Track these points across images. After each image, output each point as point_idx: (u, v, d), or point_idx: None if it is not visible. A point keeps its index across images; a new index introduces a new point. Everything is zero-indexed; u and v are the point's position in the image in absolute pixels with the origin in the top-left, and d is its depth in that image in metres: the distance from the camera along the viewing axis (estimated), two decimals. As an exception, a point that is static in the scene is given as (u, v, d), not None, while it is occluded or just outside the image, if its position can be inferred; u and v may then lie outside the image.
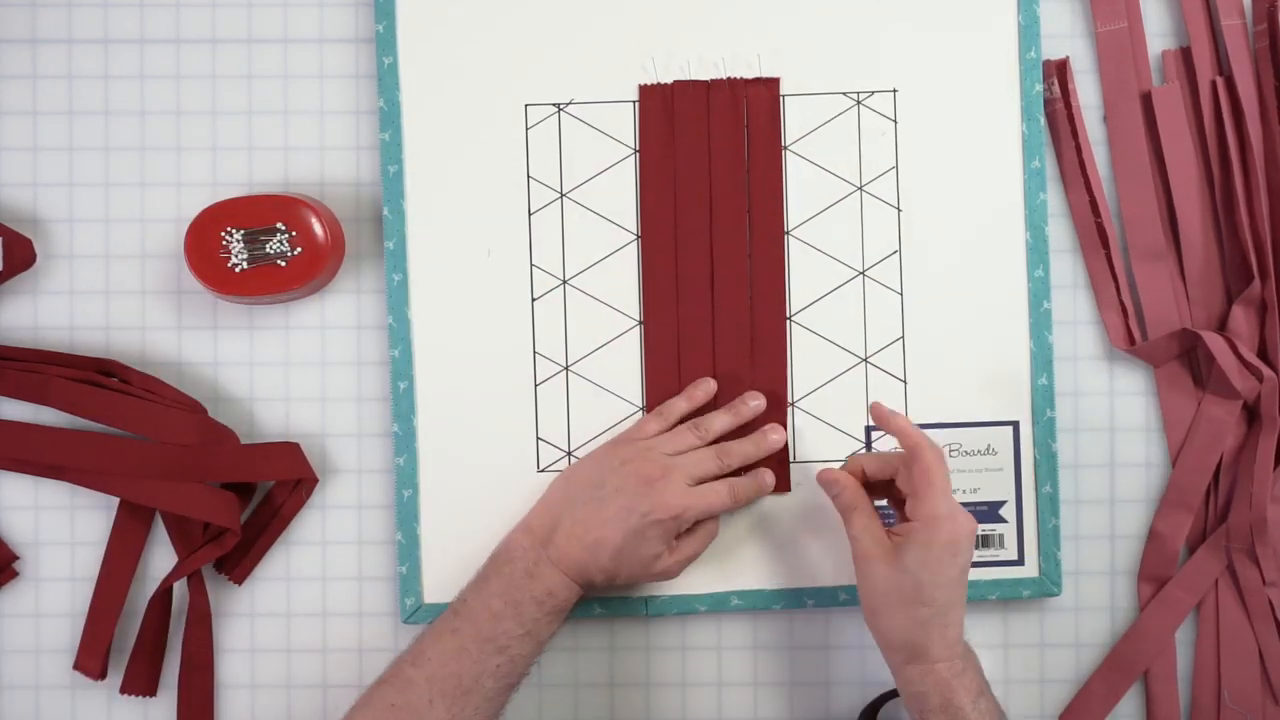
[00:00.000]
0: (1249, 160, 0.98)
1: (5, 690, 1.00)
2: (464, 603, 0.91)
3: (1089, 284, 1.01)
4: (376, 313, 1.00)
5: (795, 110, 1.00)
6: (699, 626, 1.00)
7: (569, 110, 1.00)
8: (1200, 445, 0.99)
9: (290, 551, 1.00)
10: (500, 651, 0.89)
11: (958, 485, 0.98)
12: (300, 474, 0.98)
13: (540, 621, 0.90)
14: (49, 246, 1.00)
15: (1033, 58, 0.99)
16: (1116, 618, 1.01)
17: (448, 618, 0.91)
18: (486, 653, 0.89)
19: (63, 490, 0.99)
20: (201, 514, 0.96)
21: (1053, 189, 1.01)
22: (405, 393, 0.98)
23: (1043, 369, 0.99)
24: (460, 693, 0.88)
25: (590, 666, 1.00)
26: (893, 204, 0.99)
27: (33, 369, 0.97)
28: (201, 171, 1.00)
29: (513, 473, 0.99)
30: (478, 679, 0.88)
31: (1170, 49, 1.01)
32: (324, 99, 1.00)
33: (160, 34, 1.00)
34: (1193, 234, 0.99)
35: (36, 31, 1.00)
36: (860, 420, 0.99)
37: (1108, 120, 1.01)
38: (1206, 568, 0.99)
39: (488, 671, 0.88)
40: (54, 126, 1.00)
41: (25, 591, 1.00)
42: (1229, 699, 0.99)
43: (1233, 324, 0.99)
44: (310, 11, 1.00)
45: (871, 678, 1.00)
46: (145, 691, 0.97)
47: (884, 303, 0.99)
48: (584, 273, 1.00)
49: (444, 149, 0.99)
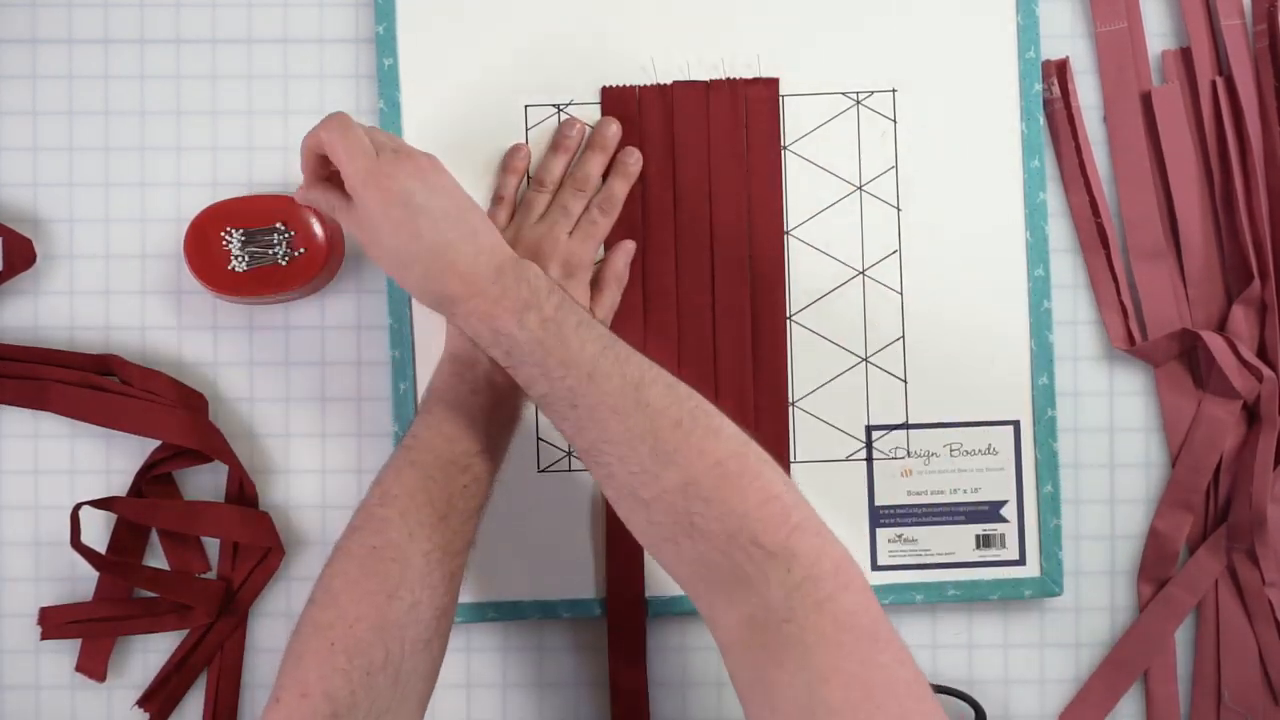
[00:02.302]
0: (1249, 160, 0.99)
1: (5, 690, 1.00)
2: (415, 437, 0.88)
3: (1089, 284, 1.01)
4: (376, 313, 1.00)
5: (795, 110, 1.00)
6: (699, 626, 1.00)
7: (569, 110, 1.00)
8: (1200, 445, 0.99)
9: (290, 551, 1.00)
10: (464, 470, 0.87)
11: (958, 485, 0.99)
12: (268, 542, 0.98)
13: (494, 436, 0.89)
14: (49, 246, 1.00)
15: (1032, 58, 0.99)
16: (1116, 618, 1.01)
17: (403, 453, 0.88)
18: (451, 474, 0.86)
19: (63, 490, 1.00)
20: (244, 538, 0.97)
21: (1053, 189, 1.01)
22: (405, 394, 0.98)
23: (1043, 369, 0.99)
24: (437, 519, 0.85)
25: (590, 666, 1.00)
26: (893, 204, 0.99)
27: (31, 372, 0.98)
28: (201, 171, 1.00)
29: (513, 473, 0.99)
30: (450, 501, 0.86)
31: (1170, 49, 1.01)
32: (324, 99, 1.00)
33: (160, 34, 1.00)
34: (1193, 234, 0.99)
35: (36, 31, 1.00)
36: (860, 420, 0.99)
37: (1108, 120, 1.01)
38: (1206, 568, 0.99)
39: (456, 493, 0.86)
40: (54, 126, 1.00)
41: (26, 591, 1.00)
42: (1229, 699, 0.99)
43: (1233, 324, 0.99)
44: (310, 11, 1.00)
45: (872, 678, 1.00)
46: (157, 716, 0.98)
47: (884, 303, 0.99)
48: (584, 273, 1.00)
49: (444, 150, 0.99)
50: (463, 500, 0.87)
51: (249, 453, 1.00)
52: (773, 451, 0.98)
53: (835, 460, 0.99)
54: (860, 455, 0.99)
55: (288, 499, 1.00)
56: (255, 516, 0.98)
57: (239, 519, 0.97)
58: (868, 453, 0.99)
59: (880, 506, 0.99)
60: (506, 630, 1.00)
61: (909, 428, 0.99)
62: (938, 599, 0.99)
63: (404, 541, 0.83)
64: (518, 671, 1.00)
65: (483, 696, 1.00)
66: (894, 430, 0.99)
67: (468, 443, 0.88)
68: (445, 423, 0.88)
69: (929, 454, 0.99)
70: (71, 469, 1.00)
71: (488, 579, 0.99)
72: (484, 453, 0.88)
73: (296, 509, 1.00)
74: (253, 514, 0.98)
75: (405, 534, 0.84)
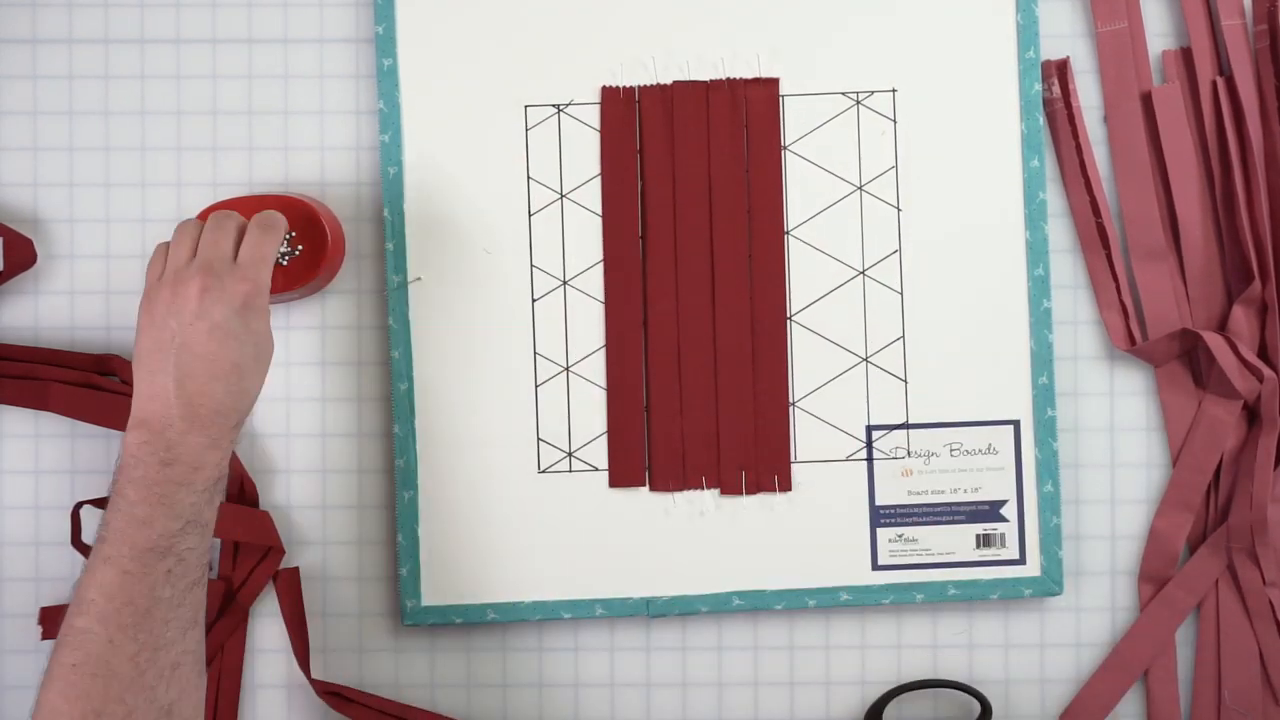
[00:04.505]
0: (1249, 160, 0.99)
1: (5, 690, 1.00)
2: (106, 527, 0.81)
3: (1089, 284, 1.01)
4: (376, 313, 1.00)
5: (795, 110, 1.00)
6: (699, 626, 1.00)
7: (569, 111, 1.00)
8: (1200, 445, 0.99)
9: (290, 552, 1.00)
10: (164, 555, 0.80)
11: (959, 484, 0.99)
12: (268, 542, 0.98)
13: (198, 505, 0.82)
14: (49, 246, 1.00)
15: (1031, 57, 0.99)
16: (1117, 618, 1.01)
17: (96, 548, 0.81)
18: (149, 563, 0.80)
19: (63, 490, 1.00)
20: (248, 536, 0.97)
21: (1052, 188, 1.01)
22: (405, 394, 0.98)
23: (1043, 368, 0.99)
24: (139, 616, 0.79)
25: (590, 666, 1.00)
26: (892, 204, 1.00)
27: (31, 372, 0.98)
28: (201, 171, 1.00)
29: (513, 473, 0.99)
30: (152, 592, 0.79)
31: (1170, 49, 1.01)
32: (324, 99, 1.00)
33: (160, 34, 1.00)
34: (1193, 234, 0.99)
35: (36, 31, 1.00)
36: (860, 420, 0.99)
37: (1108, 120, 1.01)
38: (1207, 568, 0.99)
39: (159, 581, 0.80)
40: (54, 126, 1.00)
41: (26, 590, 1.00)
42: (1229, 699, 0.99)
43: (1233, 324, 0.99)
44: (310, 11, 1.00)
45: (872, 677, 1.00)
46: None
47: (884, 302, 0.99)
48: (584, 273, 1.00)
49: (444, 150, 0.99)
50: (168, 588, 0.80)
51: (249, 453, 1.00)
52: (773, 451, 0.99)
53: (835, 460, 0.99)
54: (860, 455, 0.99)
55: (288, 499, 1.00)
56: (255, 516, 0.98)
57: (239, 519, 0.97)
58: (868, 453, 0.99)
59: (880, 506, 0.99)
60: (506, 631, 1.00)
61: (909, 428, 0.99)
62: (938, 598, 0.99)
63: (104, 651, 0.78)
64: (518, 672, 1.00)
65: (483, 696, 1.00)
66: (894, 430, 0.99)
67: (164, 523, 0.81)
68: (137, 505, 0.81)
69: (929, 454, 0.99)
70: (71, 469, 1.00)
71: (487, 579, 0.99)
72: (186, 528, 0.82)
73: (296, 509, 1.00)
74: (253, 514, 0.98)
75: (105, 642, 0.78)
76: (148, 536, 0.80)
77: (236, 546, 0.98)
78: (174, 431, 0.82)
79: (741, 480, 0.99)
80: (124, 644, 0.79)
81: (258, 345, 0.85)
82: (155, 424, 0.82)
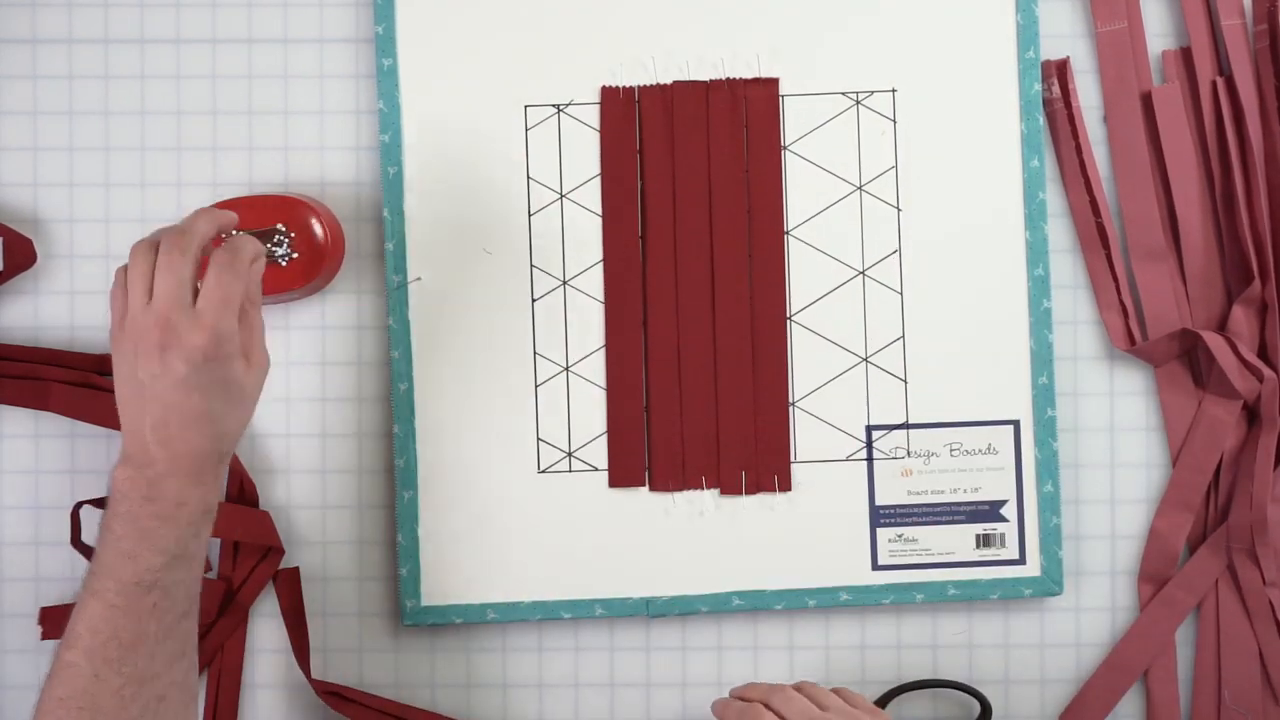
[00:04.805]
0: (1249, 160, 0.99)
1: (5, 690, 1.00)
2: (96, 560, 0.82)
3: (1089, 284, 1.01)
4: (376, 313, 1.00)
5: (794, 110, 1.00)
6: (699, 626, 1.00)
7: (569, 111, 1.00)
8: (1200, 445, 0.99)
9: (290, 552, 1.00)
10: (150, 590, 0.81)
11: (958, 484, 0.99)
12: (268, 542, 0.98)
13: (183, 540, 0.82)
14: (49, 246, 1.00)
15: (1031, 57, 0.99)
16: (1116, 618, 1.01)
17: (85, 582, 0.82)
18: (134, 598, 0.80)
19: (63, 490, 1.00)
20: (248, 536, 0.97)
21: (1052, 188, 1.01)
22: (405, 394, 0.98)
23: (1043, 368, 0.99)
24: (124, 650, 0.80)
25: (590, 666, 1.00)
26: (892, 204, 1.00)
27: (31, 372, 0.98)
28: (201, 171, 1.00)
29: (513, 474, 0.99)
30: (138, 626, 0.80)
31: (1170, 49, 1.01)
32: (324, 99, 1.00)
33: (160, 34, 1.00)
34: (1193, 234, 0.99)
35: (36, 31, 1.00)
36: (860, 420, 0.99)
37: (1108, 120, 1.01)
38: (1207, 568, 0.99)
39: (145, 615, 0.80)
40: (54, 126, 1.00)
41: (26, 590, 1.00)
42: (1229, 699, 0.99)
43: (1233, 324, 0.99)
44: (310, 11, 1.00)
45: (872, 677, 1.00)
46: None
47: (884, 303, 0.99)
48: (584, 273, 1.00)
49: (444, 150, 0.99)
50: (154, 622, 0.81)
51: (249, 453, 1.00)
52: (773, 451, 0.99)
53: (835, 460, 0.99)
54: (860, 455, 0.99)
55: (288, 499, 1.00)
56: (255, 516, 0.98)
57: (239, 518, 0.97)
58: (868, 453, 0.99)
59: (880, 506, 0.99)
60: (506, 631, 1.00)
61: (909, 427, 0.99)
62: (938, 598, 0.99)
63: (90, 686, 0.79)
64: (518, 672, 1.00)
65: (483, 696, 1.00)
66: (894, 430, 0.99)
67: (149, 557, 0.81)
68: (122, 540, 0.81)
69: (929, 454, 0.99)
70: (72, 469, 1.00)
71: (487, 579, 0.99)
72: (172, 563, 0.81)
73: (296, 509, 1.00)
74: (253, 513, 0.98)
75: (90, 677, 0.79)
76: (133, 571, 0.81)
77: (236, 546, 0.98)
78: (154, 471, 0.82)
79: (741, 480, 0.99)
80: (109, 678, 0.80)
81: (228, 390, 0.83)
82: (137, 461, 0.82)
